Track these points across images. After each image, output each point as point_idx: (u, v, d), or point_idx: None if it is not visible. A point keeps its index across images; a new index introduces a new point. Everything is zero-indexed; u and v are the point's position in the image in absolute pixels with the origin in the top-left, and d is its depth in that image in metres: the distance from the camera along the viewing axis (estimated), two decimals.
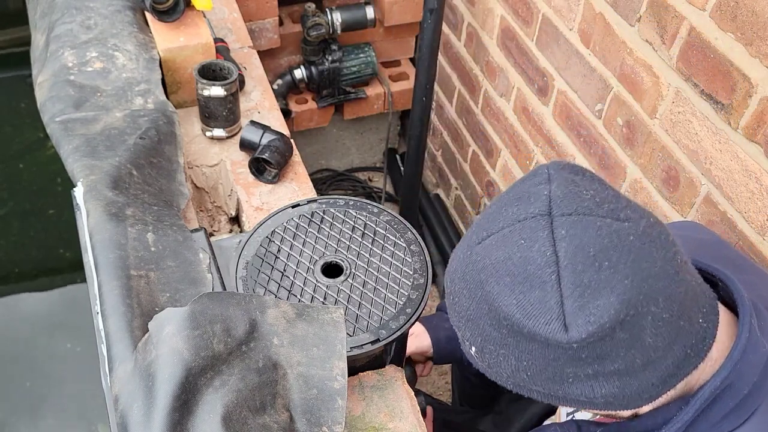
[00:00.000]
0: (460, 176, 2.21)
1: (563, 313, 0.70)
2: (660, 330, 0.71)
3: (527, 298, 0.71)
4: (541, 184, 0.74)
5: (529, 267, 0.71)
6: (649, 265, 0.70)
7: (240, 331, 0.88)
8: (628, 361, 0.72)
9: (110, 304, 0.98)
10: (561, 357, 0.72)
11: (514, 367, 0.76)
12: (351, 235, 1.10)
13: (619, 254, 0.69)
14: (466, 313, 0.78)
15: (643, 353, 0.72)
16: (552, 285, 0.70)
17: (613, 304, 0.68)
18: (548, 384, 0.76)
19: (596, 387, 0.74)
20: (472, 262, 0.76)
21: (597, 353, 0.71)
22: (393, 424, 1.00)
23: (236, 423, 0.81)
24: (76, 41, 1.43)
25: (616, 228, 0.71)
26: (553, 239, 0.70)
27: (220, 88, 1.38)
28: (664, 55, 1.24)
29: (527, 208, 0.73)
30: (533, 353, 0.74)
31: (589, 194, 0.73)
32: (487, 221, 0.77)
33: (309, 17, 2.01)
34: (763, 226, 1.11)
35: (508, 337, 0.74)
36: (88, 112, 1.30)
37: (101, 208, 1.10)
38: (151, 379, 0.84)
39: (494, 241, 0.74)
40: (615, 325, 0.69)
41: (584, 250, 0.69)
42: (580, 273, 0.69)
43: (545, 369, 0.74)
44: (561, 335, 0.70)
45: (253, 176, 1.40)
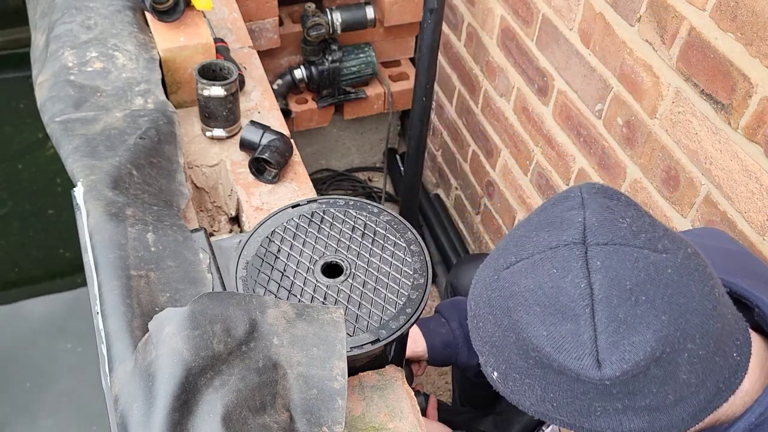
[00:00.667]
0: (460, 176, 2.21)
1: (596, 349, 0.67)
2: (695, 367, 0.69)
3: (558, 330, 0.68)
4: (574, 209, 0.71)
5: (562, 298, 0.68)
6: (687, 300, 0.68)
7: (240, 331, 0.88)
8: (660, 397, 0.69)
9: (110, 304, 0.98)
10: (591, 391, 0.69)
11: (540, 397, 0.73)
12: (351, 235, 1.10)
13: (656, 288, 0.67)
14: (491, 339, 0.75)
15: (676, 389, 0.69)
16: (586, 319, 0.67)
17: (649, 342, 0.66)
18: (574, 416, 0.73)
19: (625, 421, 0.71)
20: (499, 288, 0.74)
21: (629, 389, 0.69)
22: (393, 424, 1.00)
23: (236, 423, 0.81)
24: (76, 41, 1.43)
25: (654, 260, 0.68)
26: (588, 270, 0.68)
27: (220, 88, 1.38)
28: (664, 55, 1.24)
29: (560, 235, 0.70)
30: (561, 386, 0.71)
31: (625, 222, 0.70)
32: (516, 245, 0.74)
33: (309, 17, 2.01)
34: (763, 226, 1.11)
35: (536, 368, 0.71)
36: (88, 112, 1.30)
37: (101, 208, 1.10)
38: (151, 379, 0.84)
39: (523, 268, 0.71)
40: (650, 362, 0.67)
41: (620, 283, 0.66)
42: (616, 307, 0.66)
43: (573, 402, 0.71)
44: (593, 372, 0.67)
45: (253, 176, 1.40)
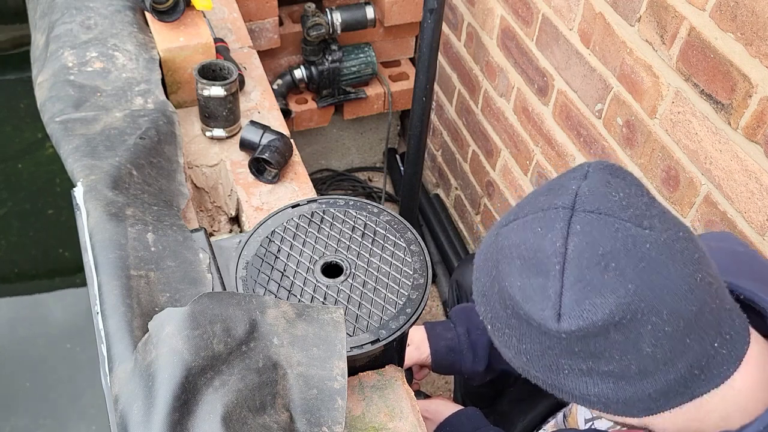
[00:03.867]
0: (460, 176, 2.21)
1: (560, 303, 0.71)
2: (661, 342, 0.71)
3: (530, 283, 0.73)
4: (575, 179, 0.75)
5: (539, 254, 0.72)
6: (660, 277, 0.70)
7: (240, 331, 0.88)
8: (623, 365, 0.72)
9: (110, 304, 0.98)
10: (555, 346, 0.73)
11: (517, 349, 0.78)
12: (351, 235, 1.10)
13: (629, 259, 0.69)
14: (483, 289, 0.81)
15: (639, 361, 0.72)
16: (555, 275, 0.71)
17: (609, 305, 0.69)
18: (545, 372, 0.77)
19: (590, 384, 0.75)
20: (495, 242, 0.79)
21: (590, 350, 0.72)
22: (393, 424, 1.00)
23: (236, 423, 0.81)
24: (76, 41, 1.43)
25: (634, 233, 0.70)
26: (567, 232, 0.71)
27: (220, 88, 1.38)
28: (664, 55, 1.24)
29: (554, 200, 0.74)
30: (532, 338, 0.75)
31: (617, 197, 0.73)
32: (519, 207, 0.79)
33: (309, 17, 2.01)
34: (763, 226, 1.11)
35: (512, 318, 0.76)
36: (88, 112, 1.30)
37: (101, 208, 1.10)
38: (151, 379, 0.84)
39: (517, 226, 0.77)
40: (608, 325, 0.70)
41: (594, 248, 0.70)
42: (584, 269, 0.70)
43: (542, 356, 0.76)
44: (553, 323, 0.71)
45: (253, 176, 1.40)
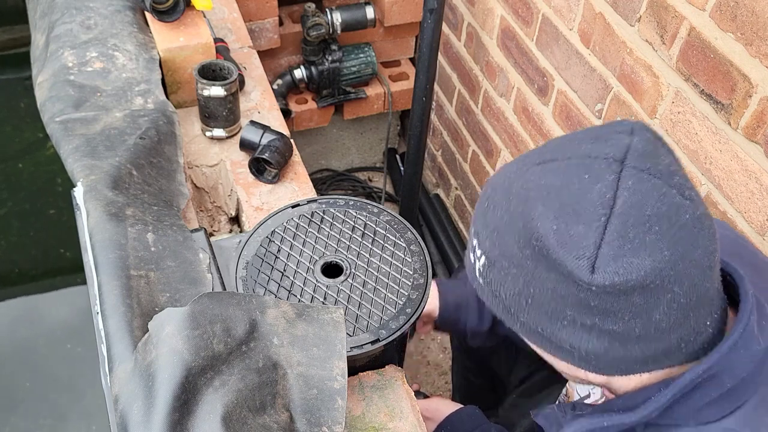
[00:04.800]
0: (460, 176, 2.21)
1: (596, 255, 0.70)
2: (671, 312, 0.72)
3: (568, 228, 0.71)
4: (622, 133, 0.74)
5: (584, 202, 0.71)
6: (692, 249, 0.71)
7: (240, 331, 0.88)
8: (629, 327, 0.73)
9: (110, 304, 0.98)
10: (571, 296, 0.72)
11: (518, 290, 0.76)
12: (351, 235, 1.10)
13: (670, 226, 0.70)
14: (496, 223, 0.78)
15: (645, 326, 0.73)
16: (598, 227, 0.70)
17: (645, 267, 0.69)
18: (541, 318, 0.76)
19: (585, 340, 0.75)
20: (524, 179, 0.76)
21: (605, 307, 0.71)
22: (393, 424, 1.00)
23: (236, 423, 0.81)
24: (76, 41, 1.43)
25: (678, 202, 0.71)
26: (617, 185, 0.70)
27: (220, 88, 1.38)
28: (664, 55, 1.24)
29: (603, 149, 0.73)
30: (545, 284, 0.74)
31: (666, 161, 0.73)
32: (554, 149, 0.77)
33: (309, 17, 2.01)
34: (763, 225, 1.11)
35: (529, 259, 0.74)
36: (88, 112, 1.30)
37: (101, 208, 1.10)
38: (151, 379, 0.84)
39: (557, 167, 0.74)
40: (638, 287, 0.70)
41: (642, 207, 0.70)
42: (629, 226, 0.69)
43: (548, 303, 0.74)
44: (585, 274, 0.70)
45: (253, 176, 1.40)
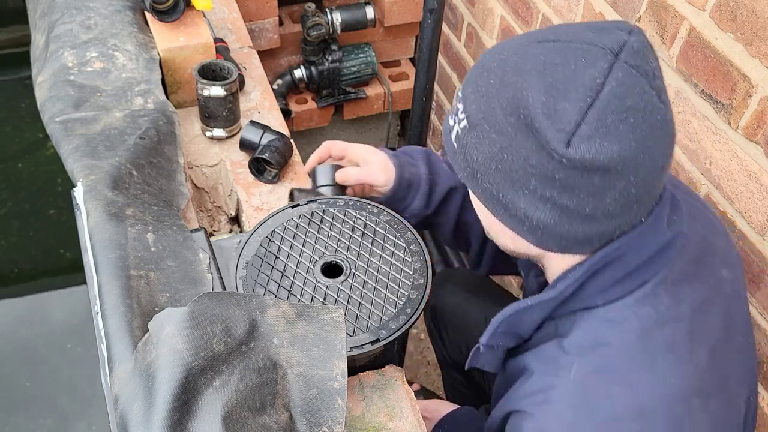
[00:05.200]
0: None
1: (575, 131, 0.76)
2: (621, 199, 0.80)
3: (556, 103, 0.77)
4: (623, 31, 0.79)
5: (575, 82, 0.77)
6: (654, 147, 0.78)
7: (240, 331, 0.88)
8: (581, 206, 0.80)
9: (110, 304, 0.98)
10: (540, 167, 0.79)
11: (492, 155, 0.83)
12: (351, 235, 1.10)
13: (644, 121, 0.77)
14: (485, 89, 0.83)
15: (594, 207, 0.80)
16: (583, 106, 0.76)
17: (613, 151, 0.76)
18: (505, 185, 0.83)
19: (540, 210, 0.82)
20: (523, 53, 0.81)
21: (568, 182, 0.79)
22: (393, 424, 1.00)
23: (236, 423, 0.81)
24: (76, 41, 1.43)
25: (655, 102, 0.78)
26: (608, 74, 0.76)
27: (220, 88, 1.38)
28: (664, 55, 1.24)
29: (603, 39, 0.78)
30: (520, 151, 0.80)
31: (653, 64, 0.79)
32: (558, 32, 0.82)
33: (309, 17, 2.01)
34: (763, 225, 1.11)
35: (511, 126, 0.80)
36: (88, 112, 1.30)
37: (101, 208, 1.10)
38: (151, 379, 0.84)
39: (558, 47, 0.79)
40: (601, 168, 0.77)
41: (624, 98, 0.76)
42: (609, 113, 0.76)
43: (517, 170, 0.81)
44: (560, 146, 0.76)
45: (253, 176, 1.40)
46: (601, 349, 0.87)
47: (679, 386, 0.85)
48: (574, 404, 0.85)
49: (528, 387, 0.91)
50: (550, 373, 0.89)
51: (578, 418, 0.85)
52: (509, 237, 0.90)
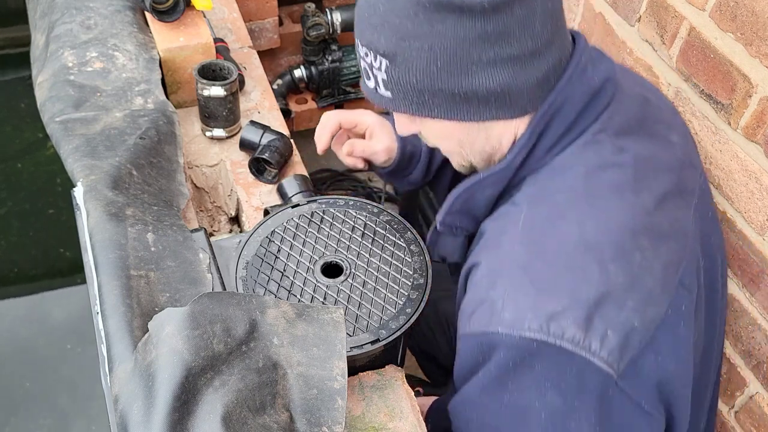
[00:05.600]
0: None
1: None
2: (547, 20, 0.86)
3: None
4: None
5: None
6: None
7: (240, 331, 0.88)
8: (522, 46, 0.85)
9: (110, 304, 0.98)
10: (471, 32, 0.83)
11: (426, 61, 0.85)
12: (351, 235, 1.10)
13: None
14: (380, 16, 0.87)
15: (533, 38, 0.85)
16: None
17: None
18: (454, 76, 0.86)
19: (494, 74, 0.86)
20: None
21: (499, 29, 0.83)
22: (393, 424, 1.00)
23: (236, 423, 0.81)
24: (76, 41, 1.43)
25: None
26: None
27: (220, 88, 1.38)
28: (664, 54, 1.24)
29: None
30: (446, 33, 0.83)
31: None
32: None
33: (309, 17, 2.01)
34: (763, 226, 1.11)
35: (424, 22, 0.84)
36: (88, 112, 1.30)
37: (101, 208, 1.10)
38: (151, 379, 0.84)
39: None
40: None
41: None
42: None
43: (454, 53, 0.84)
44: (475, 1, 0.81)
45: (253, 176, 1.40)
46: (549, 196, 0.91)
47: (624, 223, 0.87)
48: (522, 243, 0.88)
49: (482, 243, 0.94)
50: (501, 226, 0.93)
51: (529, 255, 0.87)
52: (468, 142, 0.95)
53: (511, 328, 0.83)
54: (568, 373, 0.83)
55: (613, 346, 0.82)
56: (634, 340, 0.84)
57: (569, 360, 0.82)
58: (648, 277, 0.86)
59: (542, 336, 0.82)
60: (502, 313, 0.84)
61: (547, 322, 0.82)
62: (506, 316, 0.84)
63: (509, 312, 0.84)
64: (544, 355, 0.83)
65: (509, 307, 0.84)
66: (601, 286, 0.83)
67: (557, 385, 0.84)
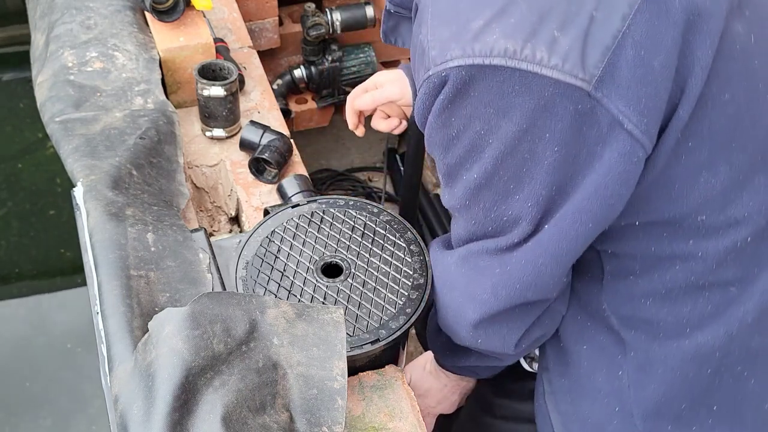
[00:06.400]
0: None
1: None
2: None
3: None
4: None
5: None
6: None
7: (240, 331, 0.88)
8: None
9: (110, 304, 0.98)
10: None
11: None
12: (351, 235, 1.10)
13: None
14: None
15: None
16: None
17: None
18: None
19: None
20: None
21: None
22: (393, 424, 1.00)
23: (236, 423, 0.81)
24: (76, 41, 1.43)
25: None
26: None
27: (220, 88, 1.38)
28: None
29: None
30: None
31: None
32: None
33: (309, 17, 2.01)
34: None
35: None
36: (87, 112, 1.30)
37: (101, 208, 1.10)
38: (151, 379, 0.84)
39: None
40: None
41: None
42: None
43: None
44: None
45: (253, 176, 1.40)
46: None
47: None
48: None
49: None
50: None
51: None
52: None
53: (437, 64, 0.74)
54: (508, 93, 0.71)
55: (566, 49, 0.69)
56: (600, 33, 0.69)
57: (508, 78, 0.70)
58: None
59: (467, 60, 0.71)
60: (430, 52, 0.75)
61: (471, 44, 0.71)
62: (433, 54, 0.75)
63: (435, 49, 0.75)
64: (477, 80, 0.72)
65: (433, 43, 0.75)
66: None
67: (502, 110, 0.73)
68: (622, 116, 0.71)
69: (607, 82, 0.69)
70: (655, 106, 0.71)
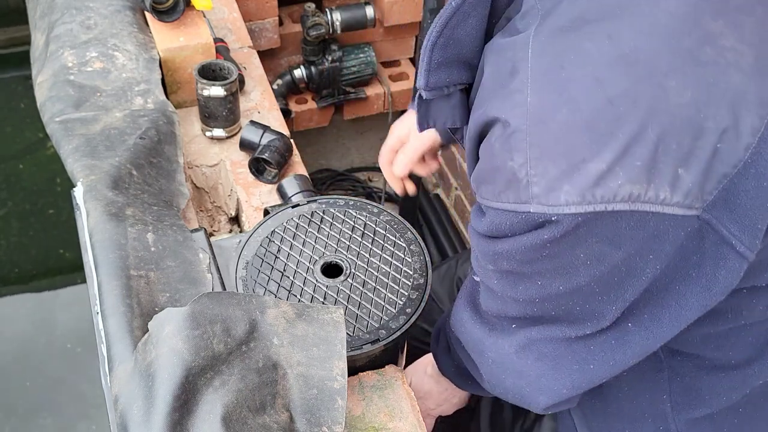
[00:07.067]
0: (460, 176, 2.21)
1: None
2: None
3: None
4: None
5: None
6: None
7: (240, 331, 0.88)
8: None
9: (110, 304, 0.99)
10: None
11: None
12: (351, 235, 1.10)
13: None
14: None
15: None
16: None
17: None
18: None
19: None
20: None
21: None
22: (393, 424, 1.00)
23: (236, 423, 0.81)
24: (76, 41, 1.43)
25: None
26: None
27: (220, 88, 1.38)
28: None
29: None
30: None
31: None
32: None
33: (309, 17, 2.01)
34: None
35: None
36: (87, 112, 1.30)
37: (101, 208, 1.10)
38: (151, 379, 0.84)
39: None
40: None
41: None
42: None
43: None
44: None
45: (253, 176, 1.40)
46: (561, 9, 0.68)
47: (676, 11, 0.64)
48: (536, 82, 0.66)
49: (483, 89, 0.74)
50: (504, 61, 0.70)
51: (548, 99, 0.66)
52: None
53: (543, 204, 0.66)
54: (622, 229, 0.66)
55: (689, 186, 0.63)
56: (721, 164, 0.64)
57: (625, 218, 0.65)
58: (733, 72, 0.63)
59: (586, 207, 0.64)
60: (531, 187, 0.66)
61: (591, 190, 0.64)
62: (535, 190, 0.66)
63: (538, 186, 0.66)
64: (592, 223, 0.66)
65: (536, 179, 0.66)
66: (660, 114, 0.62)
67: (610, 241, 0.67)
68: (734, 240, 0.68)
69: (719, 206, 0.66)
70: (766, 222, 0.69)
